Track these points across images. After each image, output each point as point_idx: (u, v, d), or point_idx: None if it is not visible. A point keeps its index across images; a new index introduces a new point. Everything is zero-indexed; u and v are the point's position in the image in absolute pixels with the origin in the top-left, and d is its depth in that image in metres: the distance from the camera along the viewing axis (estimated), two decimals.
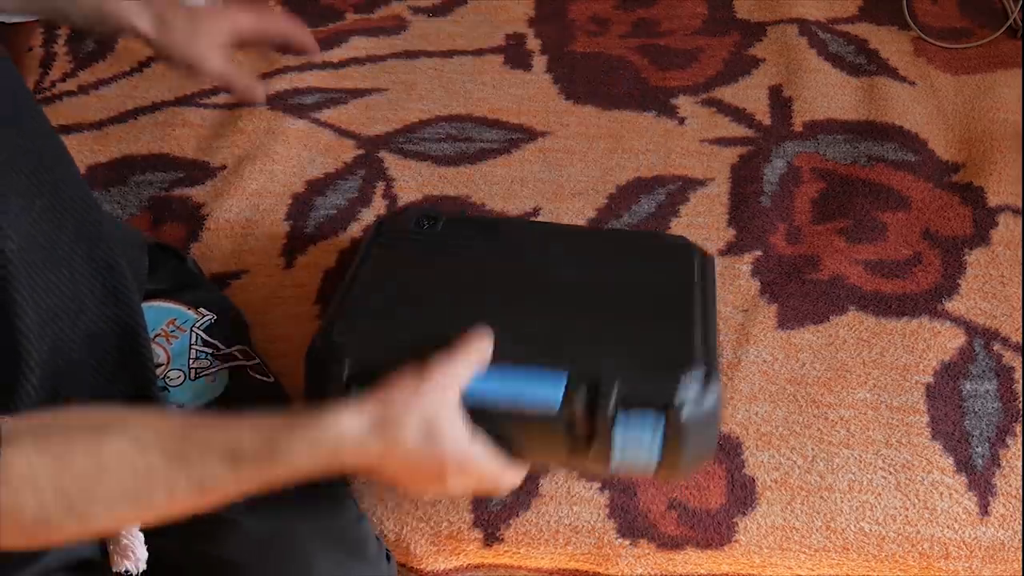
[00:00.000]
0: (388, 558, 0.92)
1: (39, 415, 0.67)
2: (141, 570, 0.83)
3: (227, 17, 0.96)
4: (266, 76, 1.30)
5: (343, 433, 0.69)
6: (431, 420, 0.72)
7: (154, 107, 1.28)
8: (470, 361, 0.75)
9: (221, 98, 1.28)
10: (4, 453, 0.61)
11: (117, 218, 1.14)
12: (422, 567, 0.94)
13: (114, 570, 0.83)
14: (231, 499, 0.69)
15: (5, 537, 0.62)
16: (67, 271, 0.81)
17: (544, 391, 0.78)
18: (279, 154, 1.21)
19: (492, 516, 0.93)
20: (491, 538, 0.93)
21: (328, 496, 0.90)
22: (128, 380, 0.86)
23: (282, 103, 1.26)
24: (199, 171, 1.20)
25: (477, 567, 0.95)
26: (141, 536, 0.83)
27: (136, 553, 0.82)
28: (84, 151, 1.22)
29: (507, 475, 0.79)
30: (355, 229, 1.13)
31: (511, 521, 0.93)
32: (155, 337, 0.92)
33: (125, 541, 0.83)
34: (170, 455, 0.65)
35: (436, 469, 0.74)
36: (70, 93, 1.29)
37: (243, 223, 1.15)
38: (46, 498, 0.62)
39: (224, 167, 1.21)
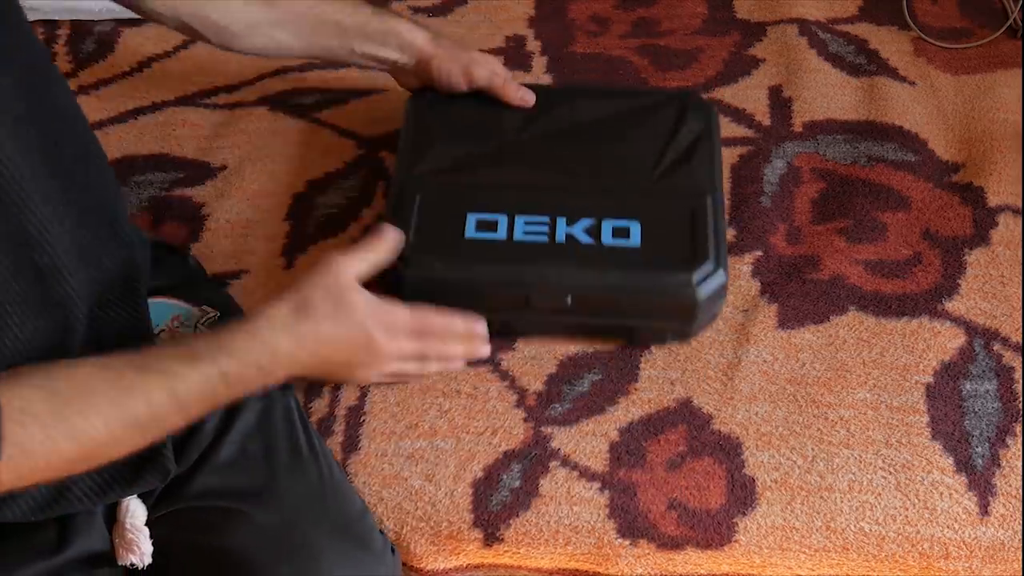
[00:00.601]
0: (393, 551, 0.92)
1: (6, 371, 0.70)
2: (146, 563, 0.83)
3: (489, 63, 1.09)
4: (266, 76, 1.30)
5: (273, 319, 0.81)
6: (339, 291, 0.84)
7: (154, 107, 1.28)
8: (362, 257, 0.87)
9: (221, 98, 1.28)
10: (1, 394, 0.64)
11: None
12: (422, 567, 0.94)
13: (120, 563, 0.84)
14: (201, 407, 0.77)
15: (19, 473, 0.67)
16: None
17: None
18: (279, 154, 1.21)
19: (492, 516, 0.94)
20: (491, 538, 0.93)
21: (334, 489, 0.90)
22: None
23: (282, 103, 1.26)
24: (199, 171, 1.20)
25: (477, 567, 0.95)
26: (146, 530, 0.84)
27: (141, 547, 0.83)
28: None
29: (455, 325, 0.91)
30: (355, 229, 1.13)
31: (511, 521, 0.93)
32: (159, 333, 0.92)
33: (130, 535, 0.83)
34: (138, 367, 0.73)
35: (363, 336, 0.85)
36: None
37: (243, 223, 1.15)
38: (48, 424, 0.67)
39: (224, 167, 1.21)
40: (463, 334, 0.94)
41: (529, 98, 1.08)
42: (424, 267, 0.95)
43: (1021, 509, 0.92)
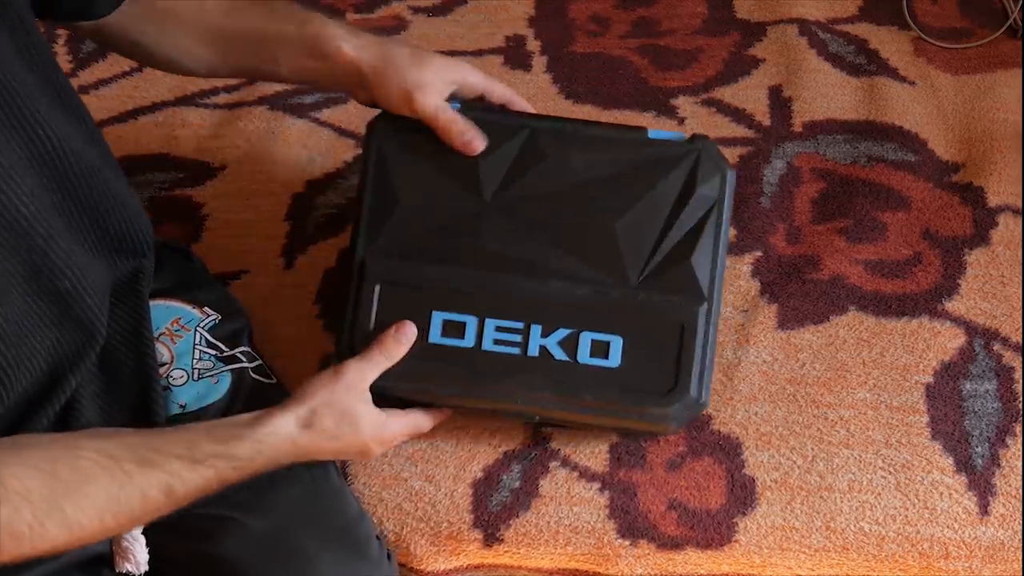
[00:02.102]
0: (389, 557, 0.92)
1: (7, 438, 0.72)
2: (142, 571, 0.83)
3: (457, 68, 0.92)
4: None
5: (280, 434, 0.81)
6: (346, 413, 0.84)
7: (154, 107, 1.28)
8: (378, 362, 0.87)
9: (221, 98, 1.28)
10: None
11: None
12: (422, 567, 0.94)
13: (117, 570, 0.84)
14: (193, 499, 0.77)
15: (5, 552, 0.67)
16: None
17: None
18: (279, 154, 1.21)
19: (492, 516, 0.93)
20: (491, 538, 0.93)
21: (329, 495, 0.90)
22: (130, 377, 0.86)
23: (282, 103, 1.26)
24: (199, 171, 1.20)
25: (477, 567, 0.95)
26: (142, 539, 0.84)
27: (136, 556, 0.83)
28: None
29: (424, 424, 0.92)
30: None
31: (511, 521, 0.93)
32: (159, 336, 0.92)
33: (125, 544, 0.83)
34: (140, 461, 0.74)
35: (359, 448, 0.87)
36: None
37: (243, 223, 1.15)
38: (40, 510, 0.67)
39: (224, 167, 1.21)
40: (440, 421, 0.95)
41: (476, 145, 0.90)
42: (386, 379, 0.88)
43: (1021, 509, 0.92)
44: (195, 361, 0.92)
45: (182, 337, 0.93)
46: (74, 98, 0.84)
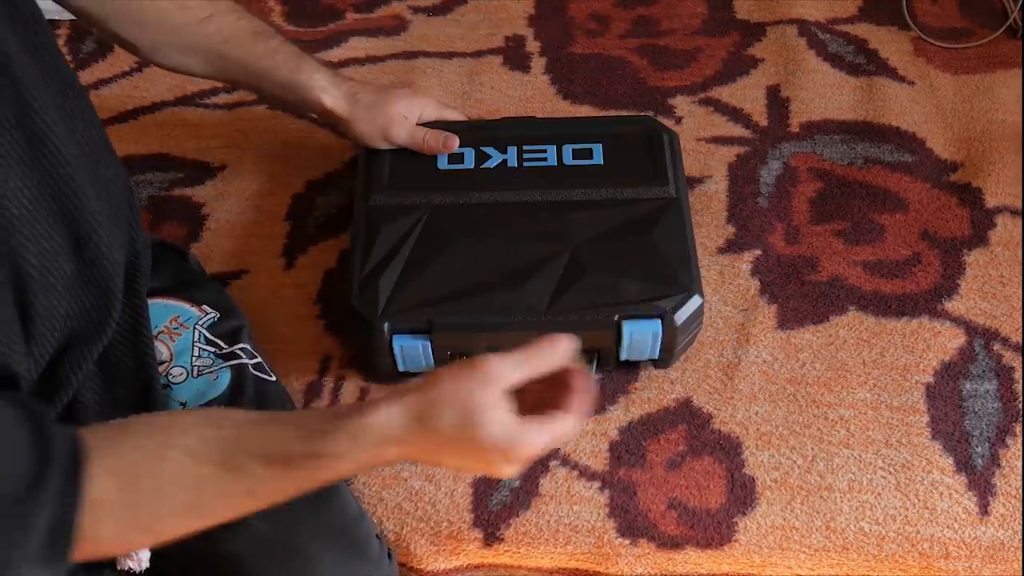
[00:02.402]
0: (389, 556, 0.92)
1: (104, 428, 0.68)
2: (143, 568, 0.83)
3: (415, 103, 1.08)
4: None
5: (383, 428, 0.69)
6: (469, 410, 0.70)
7: (154, 107, 1.28)
8: (523, 363, 0.72)
9: (221, 98, 1.28)
10: (83, 480, 0.63)
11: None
12: (422, 567, 0.94)
13: (118, 568, 0.84)
14: (286, 498, 0.71)
15: (82, 555, 0.65)
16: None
17: None
18: (279, 154, 1.21)
19: (492, 516, 0.94)
20: (491, 538, 0.93)
21: (330, 495, 0.90)
22: (130, 376, 0.86)
23: (283, 105, 1.26)
24: (199, 171, 1.20)
25: (477, 567, 0.95)
26: None
27: (139, 553, 0.82)
28: None
29: (570, 429, 0.74)
30: None
31: (511, 521, 0.93)
32: (158, 334, 0.92)
33: None
34: (222, 465, 0.67)
35: (479, 456, 0.72)
36: None
37: (243, 223, 1.15)
38: (121, 519, 0.66)
39: (224, 167, 1.21)
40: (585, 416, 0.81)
41: (452, 143, 1.06)
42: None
43: (1021, 509, 0.92)
44: (194, 358, 0.92)
45: (181, 335, 0.93)
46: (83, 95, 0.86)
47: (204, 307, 0.95)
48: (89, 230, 0.76)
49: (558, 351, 0.74)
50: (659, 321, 0.93)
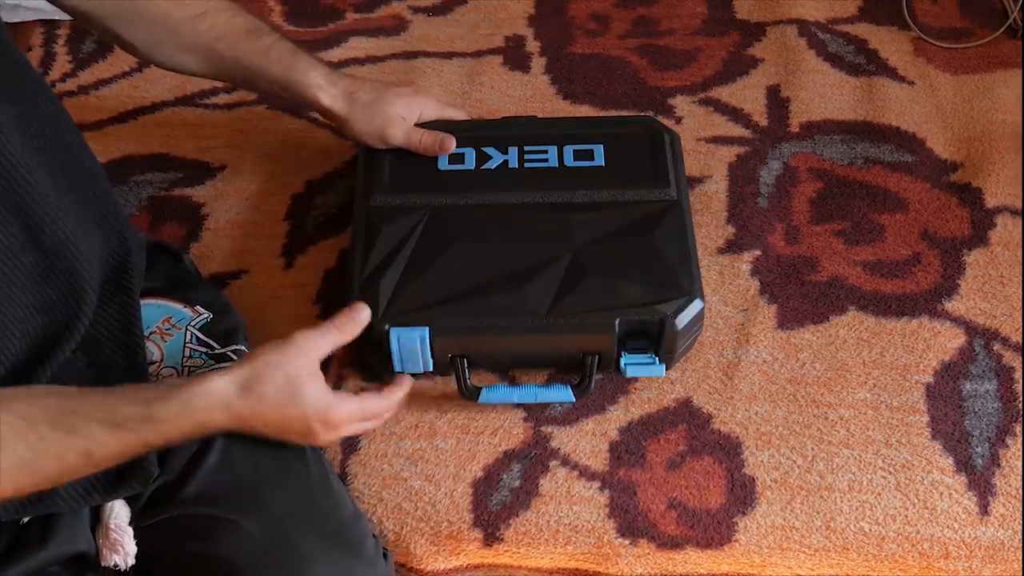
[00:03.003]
0: (385, 556, 0.92)
1: None
2: (130, 564, 0.83)
3: (415, 103, 1.07)
4: None
5: (212, 394, 0.77)
6: (291, 380, 0.80)
7: (154, 107, 1.28)
8: (331, 335, 0.85)
9: (221, 98, 1.28)
10: None
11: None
12: (422, 567, 0.94)
13: (104, 564, 0.83)
14: (117, 461, 0.76)
15: None
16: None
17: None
18: (279, 154, 1.21)
19: (492, 516, 0.93)
20: (491, 538, 0.93)
21: (323, 496, 0.90)
22: (120, 375, 0.86)
23: (282, 103, 1.26)
24: (199, 171, 1.20)
25: (477, 567, 0.95)
26: (130, 531, 0.84)
27: (125, 547, 0.83)
28: None
29: (378, 408, 0.89)
30: None
31: (511, 521, 0.93)
32: (150, 335, 0.92)
33: (114, 536, 0.83)
34: (57, 427, 0.71)
35: (301, 425, 0.82)
36: (70, 93, 1.29)
37: (243, 223, 1.15)
38: None
39: (224, 167, 1.21)
40: (395, 407, 0.92)
41: (448, 144, 1.05)
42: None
43: (1021, 509, 0.92)
44: (185, 359, 0.91)
45: (172, 336, 0.93)
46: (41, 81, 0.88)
47: (197, 308, 0.95)
48: (46, 221, 0.77)
49: (358, 319, 0.87)
50: (662, 367, 0.96)
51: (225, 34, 1.00)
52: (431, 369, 0.96)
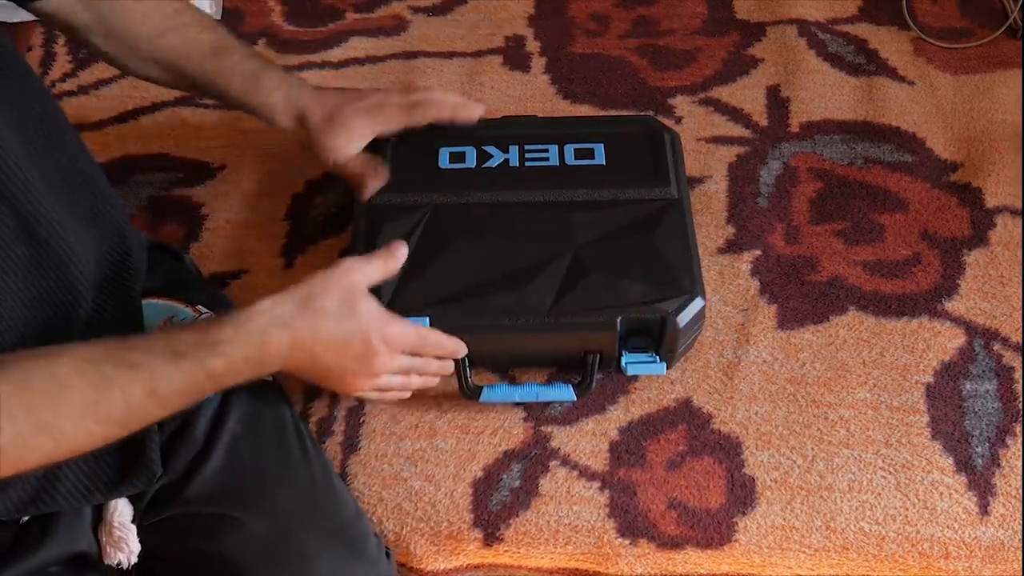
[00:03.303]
0: (388, 555, 0.92)
1: None
2: (134, 562, 0.83)
3: (368, 126, 1.02)
4: None
5: (270, 311, 0.78)
6: (349, 293, 0.81)
7: (154, 107, 1.28)
8: (378, 264, 0.85)
9: None
10: None
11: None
12: (422, 567, 0.94)
13: (107, 562, 0.83)
14: (184, 401, 0.75)
15: None
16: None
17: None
18: (278, 154, 1.21)
19: (492, 516, 0.93)
20: (491, 538, 0.93)
21: (326, 495, 0.90)
22: None
23: None
24: (199, 171, 1.20)
25: (477, 567, 0.95)
26: (134, 528, 0.84)
27: (130, 545, 0.83)
28: None
29: (445, 343, 0.89)
30: None
31: (511, 521, 0.93)
32: None
33: (118, 533, 0.83)
34: (119, 363, 0.71)
35: (361, 343, 0.82)
36: (70, 93, 1.29)
37: (242, 223, 1.15)
38: (18, 419, 0.66)
39: (224, 167, 1.21)
40: (448, 352, 0.92)
41: (371, 184, 1.03)
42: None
43: (1021, 509, 0.92)
44: None
45: None
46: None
47: (199, 307, 0.95)
48: (40, 212, 0.77)
49: (398, 255, 0.88)
50: (663, 365, 0.96)
51: (190, 52, 0.99)
52: None
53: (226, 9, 1.39)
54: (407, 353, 0.87)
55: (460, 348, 0.92)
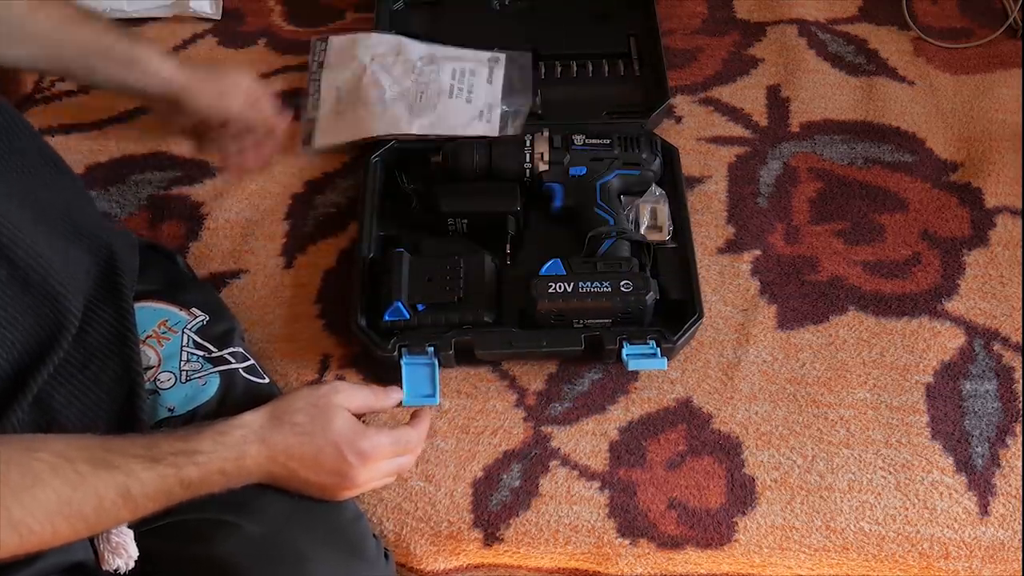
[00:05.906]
0: (387, 556, 0.92)
1: None
2: (131, 568, 0.83)
3: (252, 81, 1.07)
4: (266, 76, 1.29)
5: (246, 425, 0.80)
6: (322, 410, 0.83)
7: None
8: (365, 392, 0.89)
9: None
10: None
11: (114, 217, 1.14)
12: (422, 567, 0.94)
13: (105, 568, 0.83)
14: (156, 506, 0.75)
15: None
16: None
17: None
18: (279, 154, 1.21)
19: (492, 516, 0.93)
20: (491, 538, 0.93)
21: None
22: (113, 380, 0.85)
23: (281, 102, 1.26)
24: (198, 170, 1.20)
25: (477, 567, 0.95)
26: (131, 532, 0.83)
27: (128, 551, 0.82)
28: (84, 151, 1.21)
29: (411, 439, 0.89)
30: (355, 229, 1.13)
31: (511, 521, 0.93)
32: (146, 339, 0.91)
33: (116, 539, 0.82)
34: (96, 463, 0.71)
35: (334, 457, 0.83)
36: (70, 93, 1.29)
37: (242, 223, 1.15)
38: None
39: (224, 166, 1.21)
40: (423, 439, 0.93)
41: (280, 121, 1.10)
42: None
43: (1021, 509, 0.92)
44: (183, 363, 0.91)
45: (169, 339, 0.92)
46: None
47: (193, 310, 0.95)
48: (14, 236, 0.76)
49: (392, 396, 0.92)
50: (664, 360, 0.96)
51: (66, 19, 0.96)
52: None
53: (226, 9, 1.39)
54: (392, 458, 0.88)
55: (427, 425, 0.93)
